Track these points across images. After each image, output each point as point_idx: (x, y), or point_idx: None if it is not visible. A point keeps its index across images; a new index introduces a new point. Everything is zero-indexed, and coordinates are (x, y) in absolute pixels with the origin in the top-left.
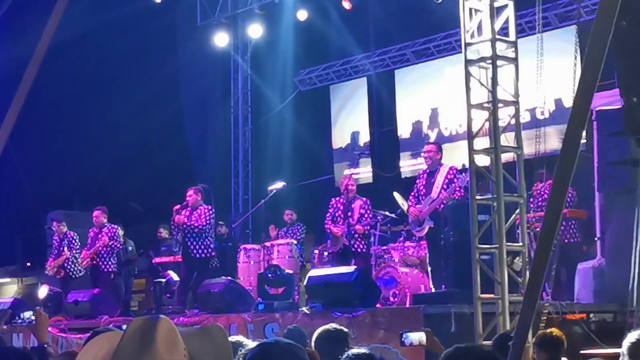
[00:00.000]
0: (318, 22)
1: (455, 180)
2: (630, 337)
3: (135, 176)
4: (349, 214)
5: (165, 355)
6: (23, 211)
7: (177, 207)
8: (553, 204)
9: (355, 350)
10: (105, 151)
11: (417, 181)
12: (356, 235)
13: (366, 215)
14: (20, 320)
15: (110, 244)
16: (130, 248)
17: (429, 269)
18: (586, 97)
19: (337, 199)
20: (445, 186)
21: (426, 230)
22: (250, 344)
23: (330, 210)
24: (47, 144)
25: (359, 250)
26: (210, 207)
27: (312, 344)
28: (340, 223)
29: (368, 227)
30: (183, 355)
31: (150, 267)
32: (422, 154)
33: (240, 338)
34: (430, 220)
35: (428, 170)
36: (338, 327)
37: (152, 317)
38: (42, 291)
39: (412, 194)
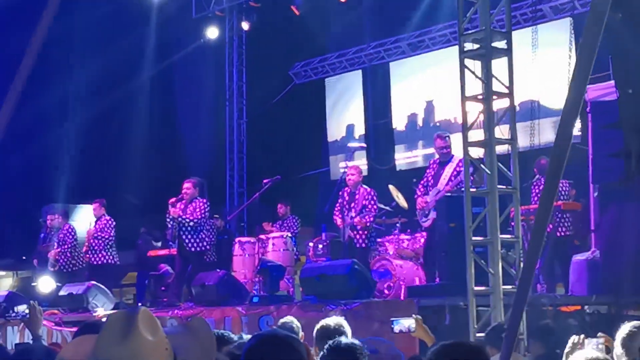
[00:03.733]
0: (313, 14)
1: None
2: (624, 329)
3: (129, 169)
4: (352, 204)
5: (149, 336)
6: (18, 204)
7: (173, 200)
8: (546, 196)
9: (339, 340)
10: (100, 144)
11: (427, 171)
12: (358, 228)
13: (369, 207)
14: (14, 314)
15: (96, 235)
16: None
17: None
18: (579, 88)
19: (345, 189)
20: (452, 178)
21: (431, 221)
22: (236, 337)
23: (340, 201)
24: (41, 137)
25: (357, 245)
26: (205, 201)
27: (313, 336)
28: (345, 214)
29: (371, 220)
30: (165, 339)
31: (140, 260)
32: (436, 147)
33: (225, 332)
34: (435, 211)
35: (439, 160)
36: (338, 321)
37: (131, 308)
38: (48, 285)
39: (422, 182)
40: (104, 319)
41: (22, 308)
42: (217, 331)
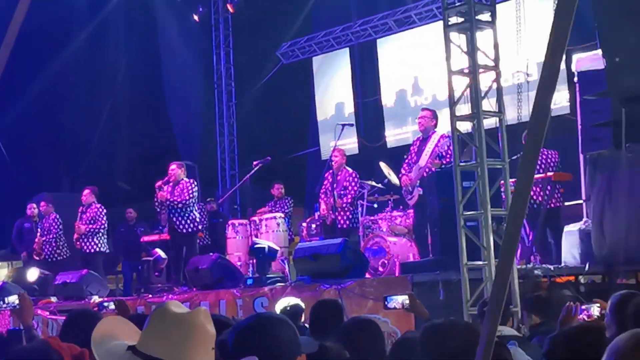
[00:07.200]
0: None
1: (439, 147)
2: (613, 298)
3: (121, 156)
4: (335, 186)
5: (208, 326)
6: (10, 194)
7: (159, 183)
8: (525, 167)
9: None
10: (90, 132)
11: (411, 148)
12: (339, 209)
13: (350, 188)
14: (4, 305)
15: (88, 224)
16: None
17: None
18: (555, 58)
19: (329, 172)
20: (432, 154)
21: (416, 197)
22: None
23: (324, 183)
24: (31, 126)
25: (338, 225)
26: (192, 181)
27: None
28: (328, 196)
29: (349, 200)
30: (214, 338)
31: (124, 247)
32: (417, 119)
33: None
34: (419, 187)
35: (421, 137)
36: (332, 299)
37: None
38: (33, 274)
39: (406, 161)
40: (95, 308)
41: (12, 299)
42: (215, 315)
